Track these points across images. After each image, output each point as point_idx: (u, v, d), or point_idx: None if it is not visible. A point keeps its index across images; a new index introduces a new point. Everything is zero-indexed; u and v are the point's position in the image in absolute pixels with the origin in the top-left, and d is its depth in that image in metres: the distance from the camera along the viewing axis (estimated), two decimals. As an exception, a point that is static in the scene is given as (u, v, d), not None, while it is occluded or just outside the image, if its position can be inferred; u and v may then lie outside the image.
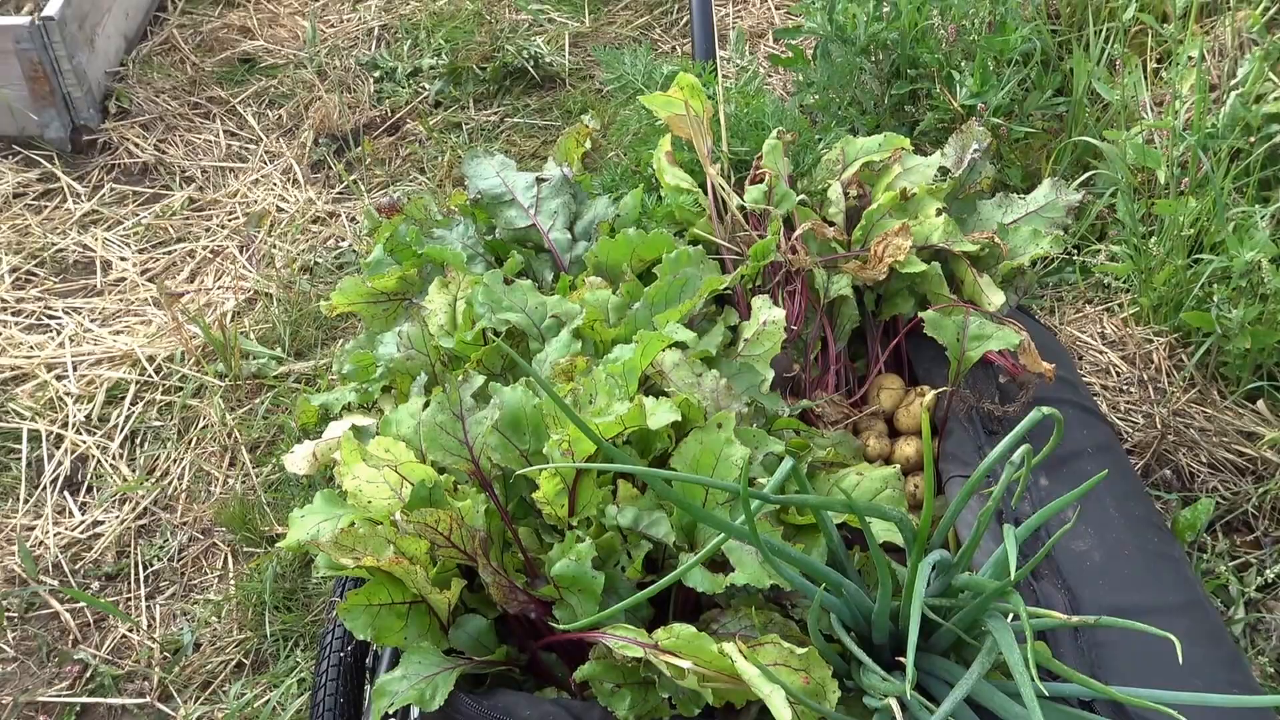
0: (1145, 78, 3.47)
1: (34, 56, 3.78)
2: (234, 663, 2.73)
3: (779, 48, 4.04)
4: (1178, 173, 3.10)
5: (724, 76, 2.88)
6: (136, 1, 4.35)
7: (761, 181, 2.22)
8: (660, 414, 1.70)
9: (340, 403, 2.06)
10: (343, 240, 3.63)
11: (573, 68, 4.16)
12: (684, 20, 4.35)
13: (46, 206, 3.80)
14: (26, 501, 3.04)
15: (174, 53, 4.33)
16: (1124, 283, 3.19)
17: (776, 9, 4.35)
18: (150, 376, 3.28)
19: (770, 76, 3.96)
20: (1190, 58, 3.36)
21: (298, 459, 1.97)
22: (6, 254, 3.63)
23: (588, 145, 2.42)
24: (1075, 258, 3.25)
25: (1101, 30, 3.57)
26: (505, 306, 1.96)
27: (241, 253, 3.63)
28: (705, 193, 2.23)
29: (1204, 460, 2.83)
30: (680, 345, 1.88)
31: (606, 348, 1.92)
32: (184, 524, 2.98)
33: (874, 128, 3.26)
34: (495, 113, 4.02)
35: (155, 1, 4.50)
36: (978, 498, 1.85)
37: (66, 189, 3.85)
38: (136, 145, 3.96)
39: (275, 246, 3.62)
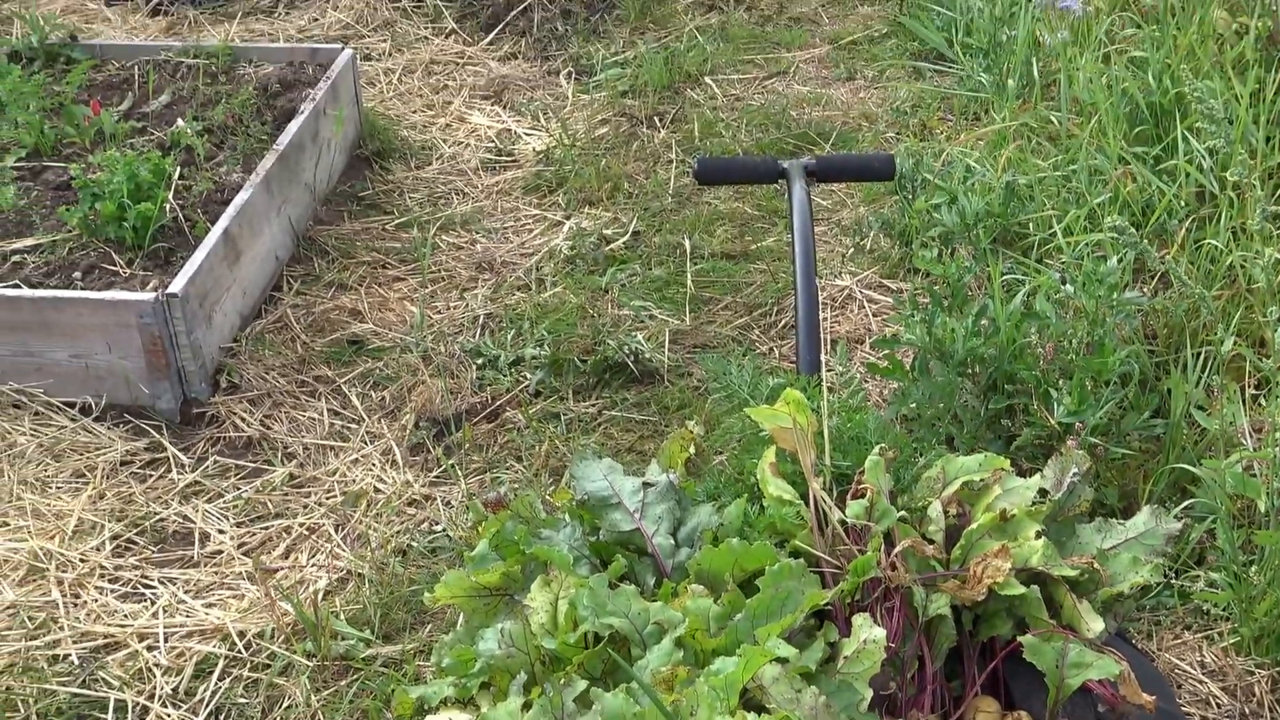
0: (1243, 404, 3.49)
1: (155, 331, 3.93)
2: None
3: (876, 354, 4.11)
4: (1278, 502, 3.09)
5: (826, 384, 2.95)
6: (255, 281, 4.52)
7: (863, 497, 2.25)
8: (762, 732, 1.69)
9: (438, 696, 2.07)
10: (437, 525, 3.67)
11: (671, 364, 4.25)
12: (782, 323, 4.45)
13: (151, 476, 3.89)
14: (107, 773, 3.04)
15: (286, 331, 4.48)
16: (1224, 610, 3.14)
17: (874, 315, 4.44)
18: (239, 652, 3.30)
19: (866, 382, 4.02)
20: (1289, 387, 3.39)
21: (392, 753, 1.97)
22: (109, 520, 3.70)
23: (691, 450, 2.47)
24: (1174, 582, 3.22)
25: (1199, 353, 3.61)
26: (609, 611, 1.98)
27: (337, 531, 3.68)
28: (807, 504, 2.26)
29: (1308, 801, 2.75)
30: (780, 659, 1.88)
31: (707, 658, 1.93)
32: (261, 805, 2.96)
33: (971, 441, 3.29)
34: (594, 405, 4.10)
35: (272, 281, 4.67)
36: (1078, 833, 1.82)
37: (172, 459, 3.94)
38: (243, 420, 4.07)
39: (371, 527, 3.67)
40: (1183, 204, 4.13)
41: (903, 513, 2.28)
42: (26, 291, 4.07)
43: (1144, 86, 4.63)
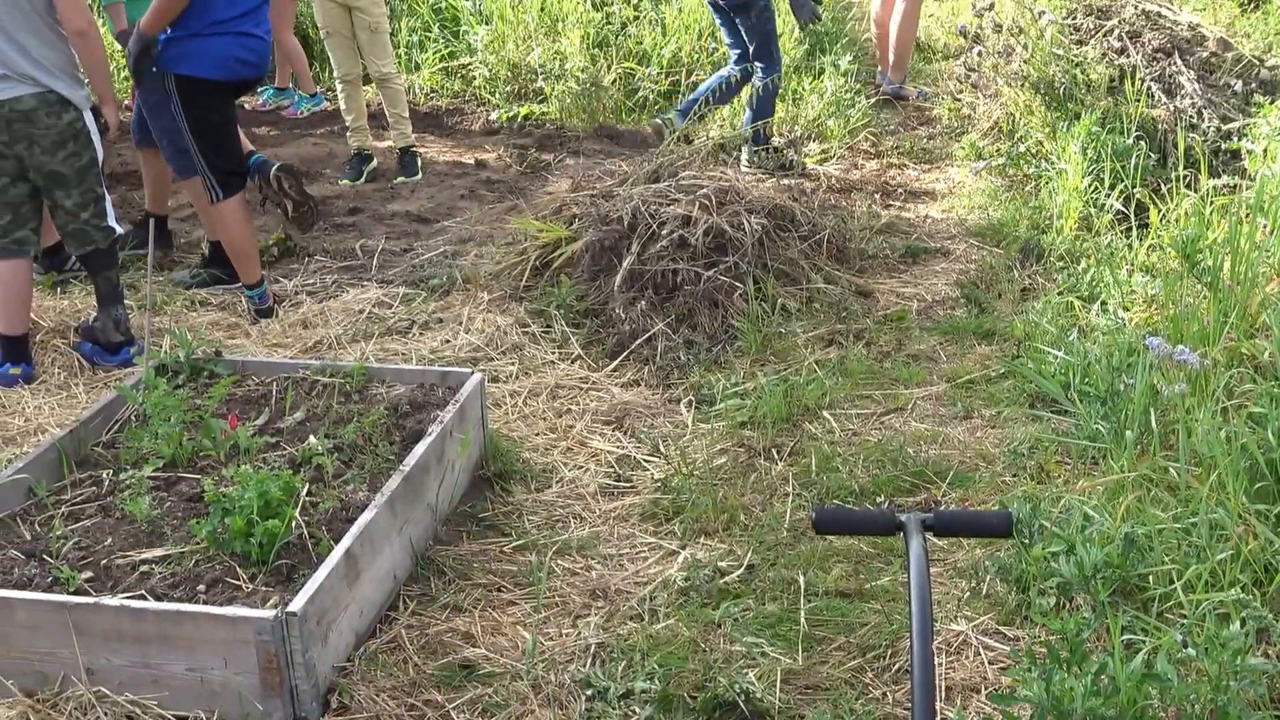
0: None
1: (271, 649, 3.99)
2: None
3: (992, 707, 4.04)
4: None
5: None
6: (372, 600, 4.59)
7: None
8: None
9: None
10: None
11: (783, 705, 4.20)
12: (896, 666, 4.40)
13: (258, 795, 3.89)
14: None
15: (399, 652, 4.51)
16: None
17: (990, 664, 4.38)
18: None
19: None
20: None
21: None
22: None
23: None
24: None
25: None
26: None
27: None
28: None
29: None
30: None
31: None
32: None
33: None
34: (705, 753, 4.06)
35: (388, 601, 4.73)
36: None
37: (279, 781, 3.95)
38: (351, 742, 4.08)
39: None
40: (1306, 567, 4.08)
41: None
42: (151, 604, 4.17)
43: (1263, 443, 4.62)
